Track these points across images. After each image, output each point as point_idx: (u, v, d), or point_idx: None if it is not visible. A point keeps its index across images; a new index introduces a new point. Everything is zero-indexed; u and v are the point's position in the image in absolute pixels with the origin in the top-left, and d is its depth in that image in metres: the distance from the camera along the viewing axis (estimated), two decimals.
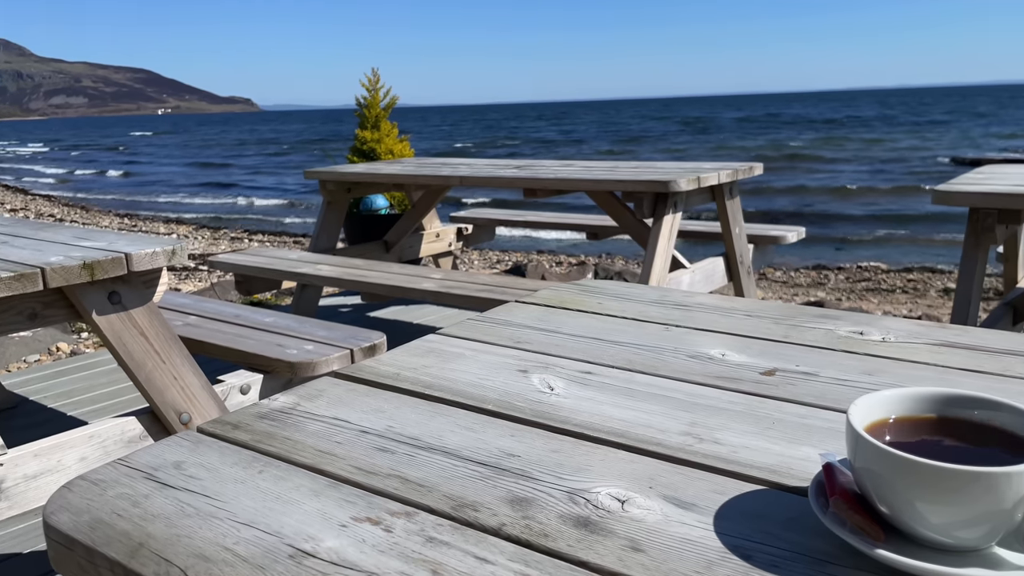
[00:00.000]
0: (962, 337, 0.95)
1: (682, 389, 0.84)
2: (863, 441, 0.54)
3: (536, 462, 0.69)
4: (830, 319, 1.05)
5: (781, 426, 0.75)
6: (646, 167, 3.34)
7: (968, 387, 0.81)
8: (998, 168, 2.71)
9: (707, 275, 3.29)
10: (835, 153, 26.06)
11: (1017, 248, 2.82)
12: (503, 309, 1.15)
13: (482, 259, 9.62)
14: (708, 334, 1.01)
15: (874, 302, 8.09)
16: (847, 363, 0.90)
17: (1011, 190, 2.19)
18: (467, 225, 4.50)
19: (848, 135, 34.04)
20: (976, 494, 0.49)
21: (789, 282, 9.34)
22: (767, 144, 30.21)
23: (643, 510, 0.61)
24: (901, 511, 0.53)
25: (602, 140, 37.07)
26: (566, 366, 0.92)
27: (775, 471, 0.66)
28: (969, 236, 2.25)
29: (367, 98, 5.03)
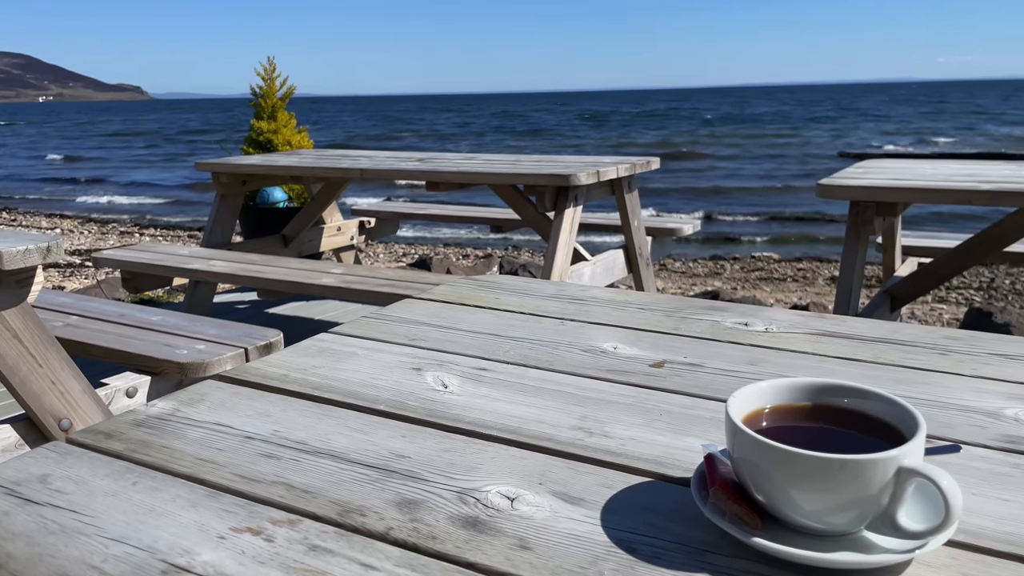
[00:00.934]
0: (839, 326, 1.00)
1: (575, 383, 0.85)
2: (739, 432, 0.55)
3: (427, 463, 0.68)
4: (717, 311, 1.08)
5: (668, 417, 0.76)
6: (548, 161, 3.37)
7: (843, 374, 0.85)
8: (877, 163, 2.86)
9: (608, 267, 3.35)
10: (729, 147, 27.03)
11: (894, 238, 2.99)
12: (399, 306, 1.13)
13: (388, 253, 9.50)
14: (602, 327, 1.03)
15: (767, 290, 8.44)
16: (732, 354, 0.92)
17: (887, 184, 2.32)
18: (370, 219, 4.43)
19: (738, 130, 35.36)
20: (845, 481, 0.52)
21: (688, 272, 9.64)
22: (663, 138, 31.05)
23: (532, 507, 0.61)
24: (776, 499, 0.54)
25: (503, 133, 37.20)
26: (461, 363, 0.91)
27: (661, 462, 0.67)
28: (850, 228, 2.37)
29: (263, 87, 4.88)
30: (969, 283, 7.91)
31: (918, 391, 0.80)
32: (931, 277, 2.64)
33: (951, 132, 31.35)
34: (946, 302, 7.30)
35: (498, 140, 32.78)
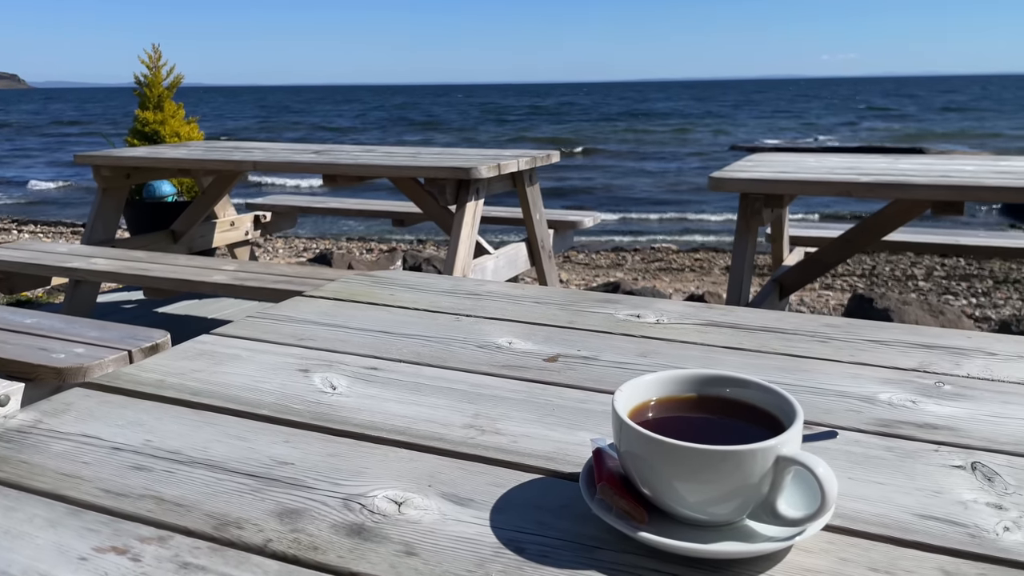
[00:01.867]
0: (726, 316, 1.02)
1: (468, 380, 0.83)
2: (624, 426, 0.55)
3: (311, 469, 0.65)
4: (611, 304, 1.09)
5: (561, 412, 0.76)
6: (448, 154, 3.34)
7: (730, 363, 0.87)
8: (765, 156, 2.97)
9: (510, 260, 3.36)
10: (629, 141, 27.64)
11: (782, 229, 3.11)
12: (287, 305, 1.09)
13: (288, 247, 9.25)
14: (497, 323, 1.02)
15: (666, 280, 8.68)
16: (625, 346, 0.93)
17: (774, 177, 2.41)
18: (265, 213, 4.29)
19: (636, 125, 36.20)
20: (726, 471, 0.52)
21: (591, 264, 9.80)
22: (563, 132, 31.45)
23: (420, 511, 0.59)
24: (661, 492, 0.54)
25: (400, 125, 36.80)
26: (351, 363, 0.88)
27: (552, 458, 0.67)
28: (740, 219, 2.45)
29: (148, 76, 4.64)
30: (853, 270, 8.36)
31: (799, 378, 0.83)
32: (816, 266, 2.77)
33: (836, 127, 33.04)
34: (832, 288, 7.68)
35: (401, 133, 32.43)
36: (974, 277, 7.78)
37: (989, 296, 7.28)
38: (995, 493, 0.60)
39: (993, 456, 0.66)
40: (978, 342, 0.92)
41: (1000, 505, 0.58)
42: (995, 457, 0.66)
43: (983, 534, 0.55)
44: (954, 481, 0.62)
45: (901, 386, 0.80)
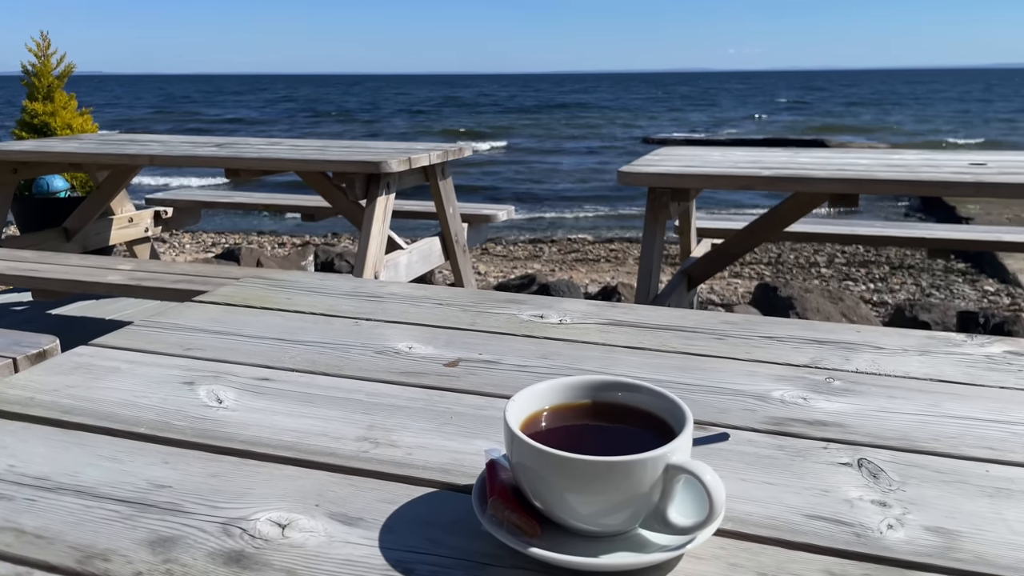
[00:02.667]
0: (627, 315, 1.02)
1: (365, 389, 0.81)
2: (515, 438, 0.53)
3: (190, 491, 0.62)
4: (515, 304, 1.07)
5: (459, 420, 0.74)
6: (358, 147, 3.27)
7: (630, 363, 0.87)
8: (672, 150, 3.02)
9: (424, 255, 3.32)
10: (546, 133, 27.83)
11: (690, 222, 3.17)
12: (175, 311, 1.04)
13: (196, 243, 8.92)
14: (398, 326, 0.99)
15: (582, 271, 8.78)
16: (527, 348, 0.92)
17: (680, 171, 2.45)
18: (167, 208, 4.11)
19: (554, 116, 36.49)
20: (615, 482, 0.51)
21: (508, 256, 9.82)
22: (480, 125, 31.43)
23: (305, 533, 0.56)
24: (552, 504, 0.53)
25: (310, 117, 35.99)
26: (241, 373, 0.84)
27: (447, 470, 0.65)
28: (648, 212, 2.48)
29: (36, 65, 4.37)
30: (760, 259, 8.65)
31: (697, 377, 0.83)
32: (722, 257, 2.83)
33: (743, 120, 34.09)
34: (741, 277, 7.93)
35: (311, 125, 31.72)
36: (872, 264, 8.16)
37: (886, 281, 7.64)
38: (879, 490, 0.61)
39: (878, 452, 0.67)
40: (866, 336, 0.94)
41: (884, 502, 0.60)
42: (880, 453, 0.67)
43: (867, 533, 0.56)
44: (841, 479, 0.63)
45: (793, 383, 0.81)
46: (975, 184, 2.10)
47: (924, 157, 2.65)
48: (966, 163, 2.40)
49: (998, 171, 2.24)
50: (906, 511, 0.58)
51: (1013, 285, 7.23)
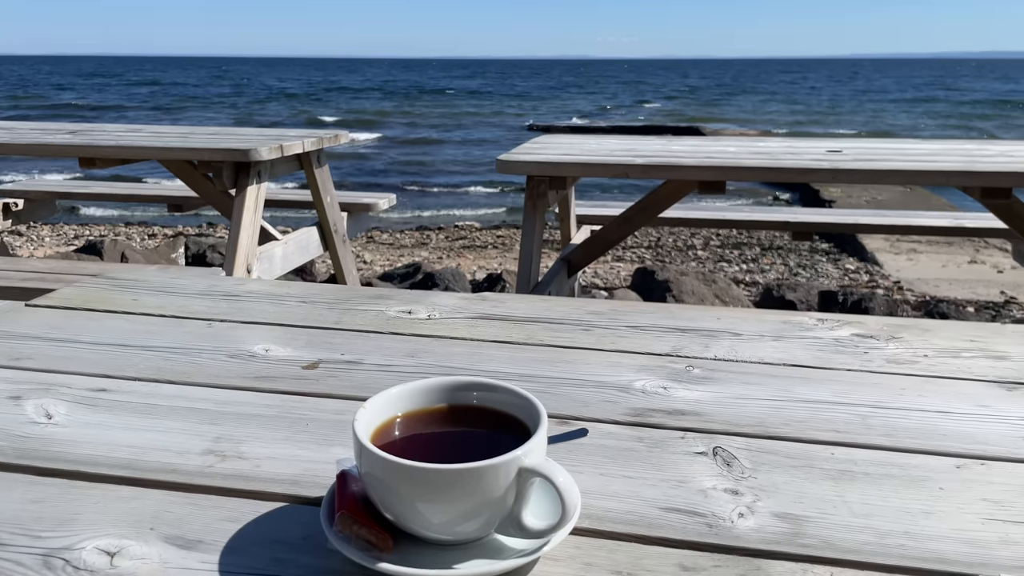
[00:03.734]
0: (497, 308, 1.01)
1: (214, 397, 0.76)
2: (363, 448, 0.51)
3: (8, 521, 0.56)
4: (382, 300, 1.04)
5: (315, 427, 0.70)
6: (225, 134, 3.12)
7: (497, 358, 0.86)
8: (551, 138, 3.04)
9: (301, 246, 3.21)
10: (432, 119, 27.62)
11: (569, 209, 3.21)
12: (6, 317, 0.94)
13: (56, 235, 8.34)
14: (255, 327, 0.94)
15: (470, 258, 8.78)
16: (393, 346, 0.89)
17: (558, 159, 2.46)
18: (17, 200, 3.80)
19: (439, 102, 36.27)
20: (468, 489, 0.50)
21: (395, 244, 9.71)
22: (363, 110, 30.87)
23: (137, 561, 0.52)
24: (403, 515, 0.51)
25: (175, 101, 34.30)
26: (75, 385, 0.77)
27: (299, 482, 0.62)
28: (527, 201, 2.49)
29: None
30: (641, 243, 8.90)
31: (562, 370, 0.83)
32: (600, 243, 2.88)
33: (622, 107, 34.95)
34: (623, 260, 8.14)
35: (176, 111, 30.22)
36: (744, 245, 8.55)
37: (757, 262, 8.03)
38: (732, 478, 0.63)
39: (733, 440, 0.69)
40: (727, 323, 0.97)
41: (736, 490, 0.61)
42: (735, 440, 0.69)
43: (719, 523, 0.57)
44: (697, 469, 0.64)
45: (655, 372, 0.82)
46: (831, 171, 2.22)
47: (786, 144, 2.78)
48: (824, 150, 2.53)
49: (853, 158, 2.37)
50: (757, 498, 0.60)
51: (871, 263, 7.75)
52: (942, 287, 6.87)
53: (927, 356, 0.86)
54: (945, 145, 2.73)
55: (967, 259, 7.87)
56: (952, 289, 6.78)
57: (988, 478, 0.62)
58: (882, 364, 0.84)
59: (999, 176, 2.10)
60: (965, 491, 0.60)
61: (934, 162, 2.21)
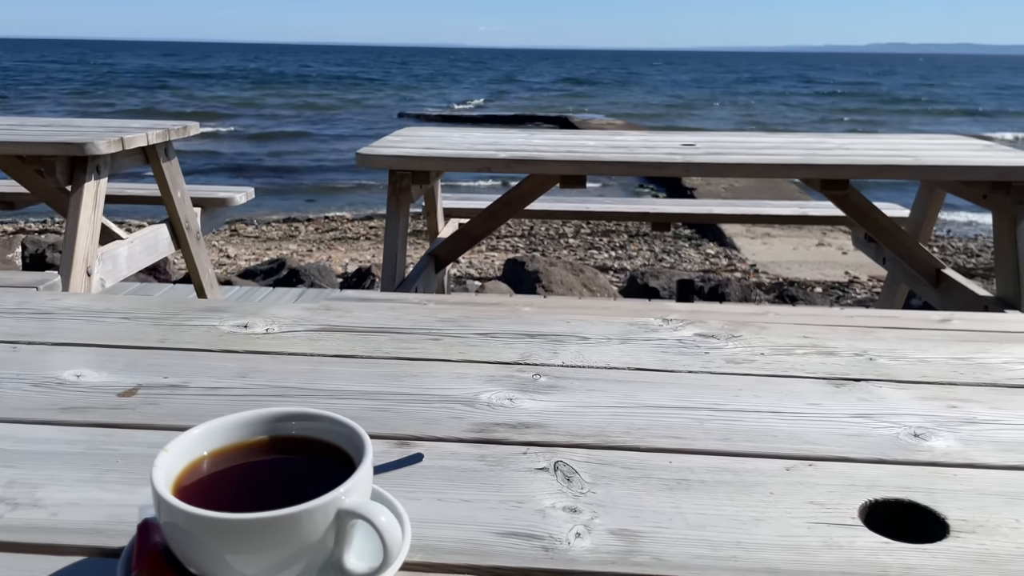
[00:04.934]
0: (341, 319, 0.96)
1: (12, 434, 0.68)
2: (160, 498, 0.46)
3: None
4: (216, 313, 0.97)
5: (126, 464, 0.64)
6: (59, 126, 2.87)
7: (340, 374, 0.81)
8: (414, 130, 2.99)
9: (149, 245, 3.01)
10: (297, 109, 26.75)
11: (435, 203, 3.17)
12: None
13: None
14: (68, 349, 0.85)
15: (341, 250, 8.57)
16: (224, 365, 0.83)
17: (420, 153, 2.42)
18: None
19: (308, 91, 35.20)
20: (281, 537, 0.46)
21: (261, 237, 9.34)
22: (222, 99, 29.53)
23: None
24: (210, 569, 0.47)
25: None
26: None
27: (102, 531, 0.55)
28: (391, 196, 2.43)
29: None
30: (515, 232, 8.98)
31: (407, 385, 0.80)
32: (467, 237, 2.86)
33: (492, 96, 35.12)
34: (497, 250, 8.18)
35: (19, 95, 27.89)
36: (613, 233, 8.79)
37: (625, 249, 8.28)
38: (572, 494, 0.62)
39: (575, 452, 0.68)
40: (575, 327, 0.96)
41: (575, 508, 0.60)
42: (576, 453, 0.68)
43: (556, 545, 0.55)
44: (537, 486, 0.63)
45: (502, 383, 0.81)
46: (684, 164, 2.29)
47: (644, 139, 2.85)
48: (679, 144, 2.61)
49: (705, 152, 2.46)
50: (594, 515, 0.59)
51: (730, 248, 8.15)
52: (793, 269, 7.32)
53: (763, 355, 0.89)
54: (789, 138, 2.88)
55: (816, 242, 8.41)
56: (803, 270, 7.24)
57: (815, 479, 0.64)
58: (721, 364, 0.86)
59: (836, 168, 2.24)
60: (793, 494, 0.62)
61: (777, 156, 2.32)
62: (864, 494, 0.62)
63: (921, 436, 0.71)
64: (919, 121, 24.12)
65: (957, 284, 2.45)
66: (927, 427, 0.72)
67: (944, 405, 0.77)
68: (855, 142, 2.74)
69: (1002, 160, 2.28)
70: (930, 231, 2.97)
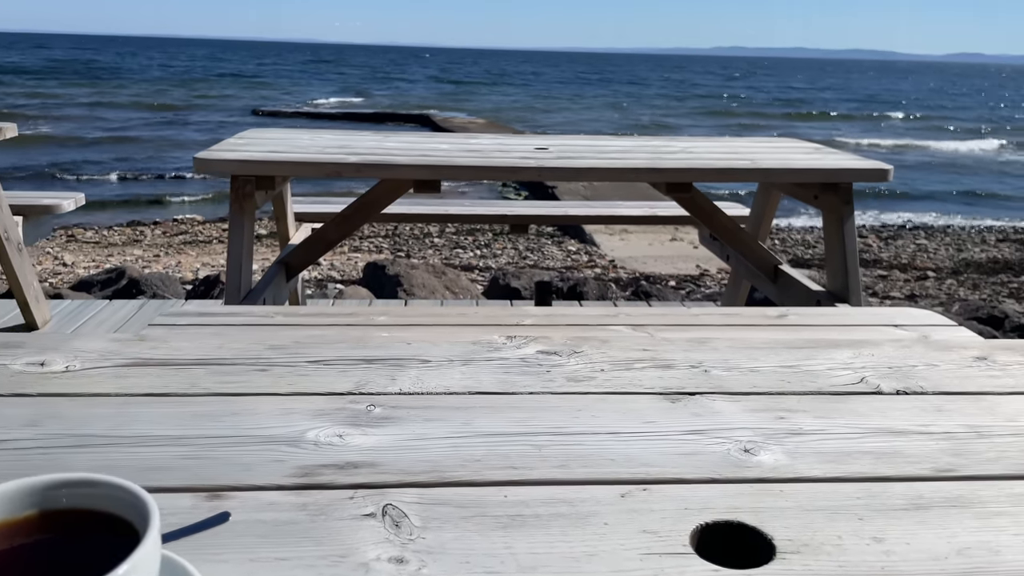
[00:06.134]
0: (156, 350, 0.88)
1: None
2: None
3: None
4: (8, 349, 0.86)
5: None
6: None
7: (151, 416, 0.74)
8: (259, 133, 2.85)
9: None
10: (133, 105, 25.22)
11: (285, 207, 3.04)
12: None
13: None
14: None
15: (192, 255, 8.13)
16: (14, 412, 0.73)
17: (264, 157, 2.30)
18: None
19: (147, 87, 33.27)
20: None
21: (102, 242, 8.72)
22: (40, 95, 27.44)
23: None
24: None
25: None
26: None
27: None
28: (233, 203, 2.30)
29: None
30: (379, 232, 8.82)
31: (226, 426, 0.73)
32: (320, 243, 2.76)
33: (355, 92, 34.47)
34: (360, 251, 8.01)
35: None
36: (478, 231, 8.82)
37: (490, 247, 8.32)
38: (399, 542, 0.58)
39: (405, 493, 0.64)
40: (417, 348, 0.93)
41: (402, 558, 0.56)
42: (407, 494, 0.64)
43: None
44: (362, 536, 0.58)
45: (332, 417, 0.76)
46: (537, 169, 2.30)
47: (498, 142, 2.84)
48: (532, 148, 2.62)
49: (557, 155, 2.48)
50: (422, 564, 0.55)
51: (590, 244, 8.36)
52: (649, 263, 7.61)
53: (603, 370, 0.88)
54: (637, 142, 2.96)
55: (669, 237, 8.79)
56: (657, 265, 7.53)
57: (649, 505, 0.63)
58: (562, 383, 0.85)
59: (680, 172, 2.31)
60: (628, 523, 0.61)
61: (625, 160, 2.38)
62: (696, 517, 0.62)
63: (751, 451, 0.72)
64: (782, 125, 25.45)
65: (793, 280, 2.59)
66: (756, 441, 0.74)
67: (773, 417, 0.78)
68: (698, 145, 2.85)
69: (830, 163, 2.44)
70: (768, 229, 3.14)
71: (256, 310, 1.83)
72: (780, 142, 3.05)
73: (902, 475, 0.68)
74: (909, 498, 0.64)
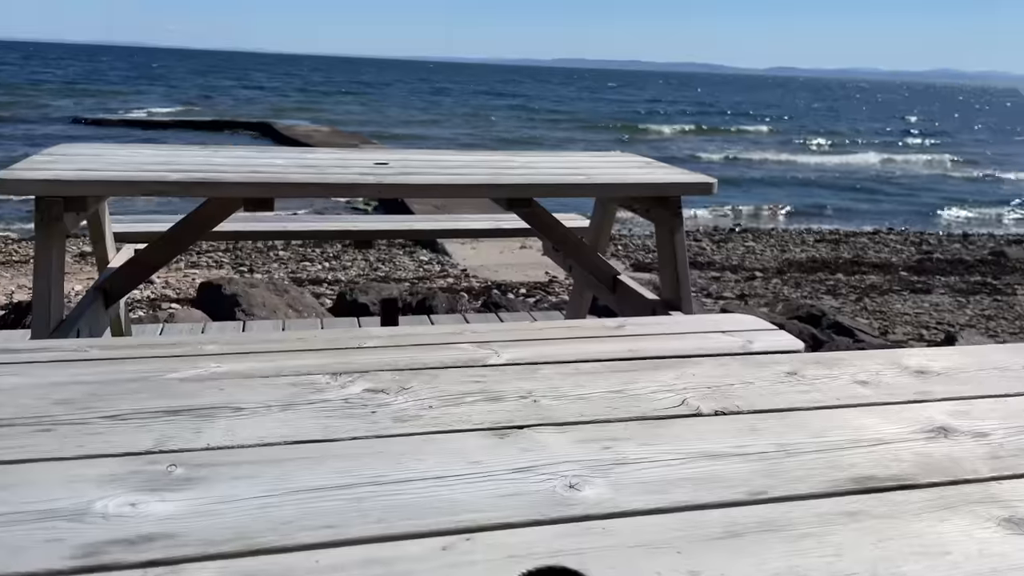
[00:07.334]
0: None
1: None
2: None
3: None
4: None
5: None
6: None
7: None
8: (70, 148, 2.61)
9: None
10: None
11: (103, 228, 2.81)
12: None
13: None
14: None
15: (6, 276, 7.41)
16: None
17: (74, 177, 2.11)
18: None
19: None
20: None
21: None
22: None
23: None
24: None
25: None
26: None
27: None
28: (38, 227, 2.09)
29: None
30: (218, 246, 8.38)
31: (11, 499, 0.64)
32: (144, 267, 2.57)
33: (190, 99, 32.75)
34: (199, 266, 7.58)
35: None
36: (326, 243, 8.57)
37: (339, 259, 8.11)
38: None
39: (205, 567, 0.58)
40: (230, 394, 0.86)
41: None
42: (206, 568, 0.58)
43: None
44: None
45: (125, 482, 0.68)
46: (377, 185, 2.24)
47: (336, 157, 2.76)
48: (371, 163, 2.56)
49: (398, 171, 2.43)
50: None
51: (442, 254, 8.34)
52: (500, 271, 7.68)
53: (431, 407, 0.85)
54: (477, 157, 2.96)
55: (519, 245, 8.92)
56: (508, 272, 7.62)
57: (472, 556, 0.61)
58: (388, 425, 0.81)
59: (520, 188, 2.33)
60: None
61: (466, 176, 2.37)
62: (520, 564, 0.60)
63: (576, 486, 0.71)
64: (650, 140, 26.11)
65: (630, 290, 2.68)
66: (582, 475, 0.73)
67: (599, 447, 0.78)
68: (539, 160, 2.90)
69: (659, 178, 2.54)
70: (607, 240, 3.23)
71: (66, 344, 1.67)
72: (616, 157, 3.15)
73: (719, 501, 0.69)
74: (724, 525, 0.66)
